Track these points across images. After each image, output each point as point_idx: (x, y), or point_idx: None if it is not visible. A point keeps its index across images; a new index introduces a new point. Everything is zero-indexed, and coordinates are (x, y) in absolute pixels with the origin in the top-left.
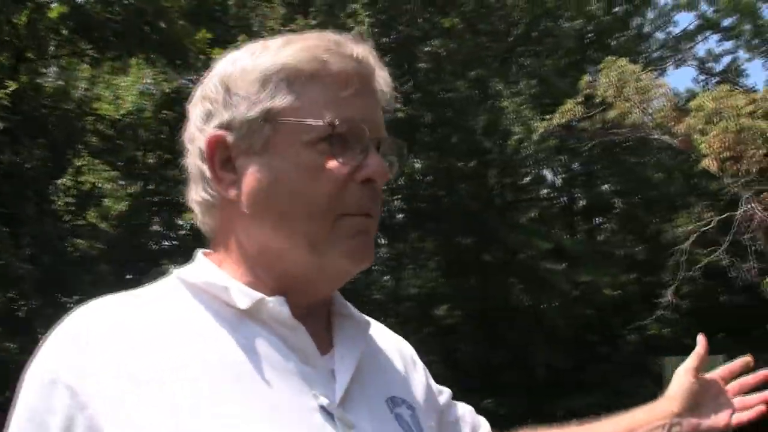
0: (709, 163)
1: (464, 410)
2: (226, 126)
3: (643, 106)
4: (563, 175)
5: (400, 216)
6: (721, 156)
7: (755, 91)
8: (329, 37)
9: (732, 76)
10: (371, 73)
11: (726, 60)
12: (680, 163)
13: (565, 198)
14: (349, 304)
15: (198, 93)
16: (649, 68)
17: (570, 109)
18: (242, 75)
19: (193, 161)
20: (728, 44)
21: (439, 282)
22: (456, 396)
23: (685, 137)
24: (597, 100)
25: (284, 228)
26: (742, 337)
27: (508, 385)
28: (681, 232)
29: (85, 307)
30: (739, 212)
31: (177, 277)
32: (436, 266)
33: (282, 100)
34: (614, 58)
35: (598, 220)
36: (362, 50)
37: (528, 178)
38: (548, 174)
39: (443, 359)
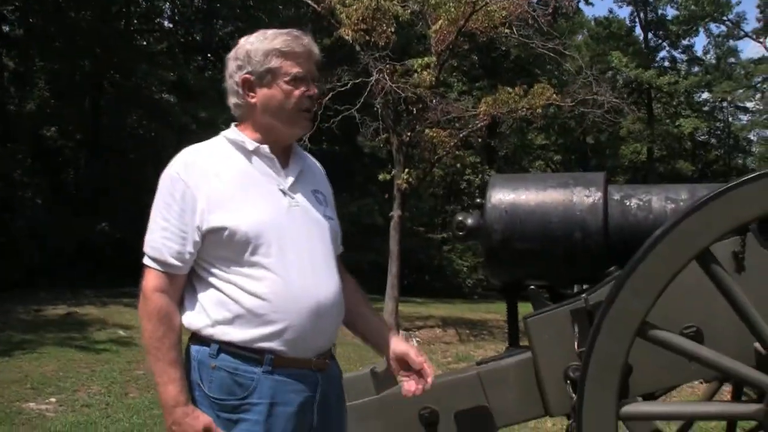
0: (346, 32)
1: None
2: (249, 73)
3: None
4: (183, 10)
5: (21, 31)
6: (356, 27)
7: None
8: (295, 33)
9: None
10: (312, 50)
11: None
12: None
13: (185, 33)
14: (299, 147)
15: (232, 55)
16: None
17: None
18: (255, 50)
19: (231, 86)
20: None
21: (50, 103)
22: (58, 215)
23: (328, 4)
24: None
25: (276, 117)
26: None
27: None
28: (320, 88)
29: (187, 149)
30: (372, 80)
31: (222, 135)
32: (46, 86)
33: (275, 63)
34: None
35: (211, 57)
36: (308, 40)
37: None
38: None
39: (50, 182)
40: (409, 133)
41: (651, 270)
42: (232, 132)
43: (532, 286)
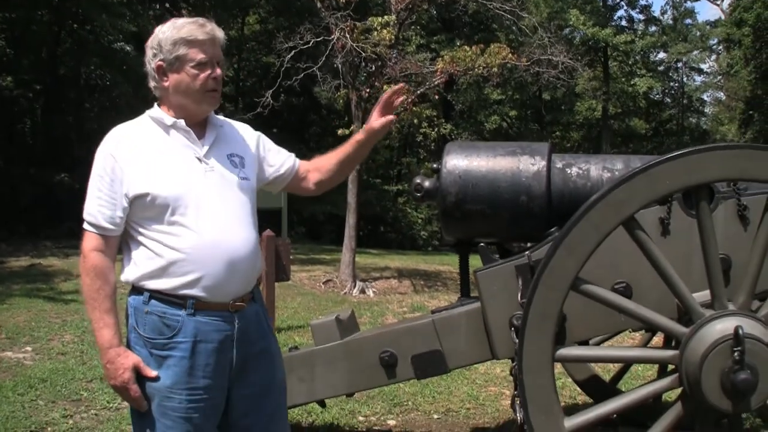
0: None
1: (281, 157)
2: (162, 60)
3: None
4: None
5: None
6: None
7: None
8: (200, 21)
9: None
10: (215, 35)
11: None
12: None
13: None
14: (216, 118)
15: (148, 44)
16: None
17: None
18: (165, 39)
19: (149, 71)
20: None
21: (6, 52)
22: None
23: None
24: None
25: (186, 97)
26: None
27: (82, 158)
28: (281, 47)
29: (117, 127)
30: (333, 38)
31: (147, 114)
32: (2, 35)
33: (182, 51)
34: None
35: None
36: (211, 27)
37: None
38: None
39: (6, 133)
40: (368, 90)
41: (583, 233)
42: (155, 111)
43: (482, 243)
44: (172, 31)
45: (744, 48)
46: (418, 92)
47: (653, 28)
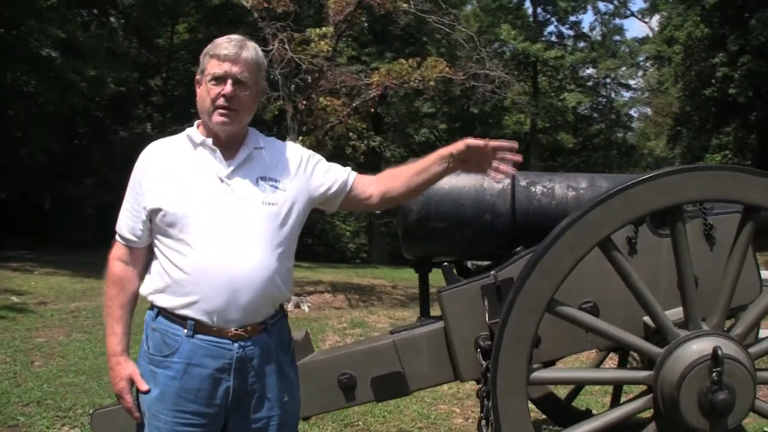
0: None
1: (332, 174)
2: (198, 73)
3: None
4: None
5: None
6: None
7: None
8: (234, 37)
9: None
10: (240, 53)
11: None
12: None
13: None
14: (256, 136)
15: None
16: None
17: None
18: (203, 53)
19: None
20: None
21: None
22: None
23: None
24: None
25: (201, 113)
26: None
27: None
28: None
29: (153, 142)
30: (272, 50)
31: (186, 131)
32: None
33: (205, 64)
34: None
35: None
36: (240, 44)
37: None
38: None
39: None
40: (304, 102)
41: (558, 255)
42: (192, 128)
43: (446, 263)
44: (208, 45)
45: (674, 65)
46: (354, 105)
47: (582, 44)
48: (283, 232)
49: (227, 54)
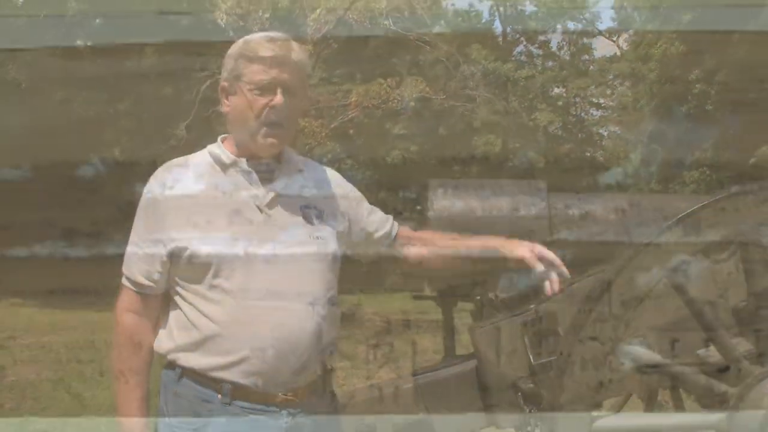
0: (220, 16)
1: (376, 220)
2: (225, 80)
3: None
4: None
5: None
6: (231, 11)
7: None
8: (272, 35)
9: None
10: (286, 55)
11: None
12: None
13: None
14: (293, 156)
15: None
16: None
17: None
18: (230, 54)
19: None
20: None
21: None
22: None
23: None
24: None
25: (241, 130)
26: None
27: None
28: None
29: (167, 163)
30: None
31: (207, 148)
32: None
33: (240, 69)
34: None
35: None
36: (283, 43)
37: None
38: None
39: None
40: None
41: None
42: (215, 145)
43: (477, 296)
44: (239, 45)
45: (649, 83)
46: (332, 126)
47: (551, 63)
48: (333, 273)
49: (274, 56)
